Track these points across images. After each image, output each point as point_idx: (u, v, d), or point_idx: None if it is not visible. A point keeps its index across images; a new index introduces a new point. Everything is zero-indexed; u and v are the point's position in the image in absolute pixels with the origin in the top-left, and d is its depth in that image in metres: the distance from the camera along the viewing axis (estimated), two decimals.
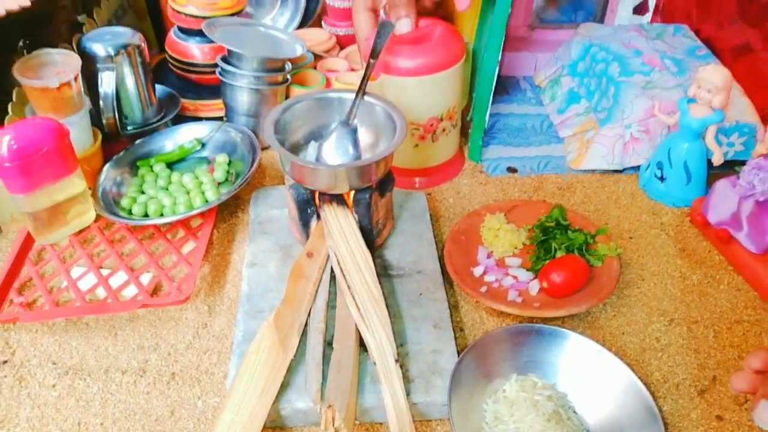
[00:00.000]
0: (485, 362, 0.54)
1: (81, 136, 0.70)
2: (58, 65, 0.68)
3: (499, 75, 0.77)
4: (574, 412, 0.53)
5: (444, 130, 0.74)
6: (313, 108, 0.64)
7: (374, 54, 0.65)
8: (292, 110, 0.63)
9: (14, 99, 0.71)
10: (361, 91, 0.63)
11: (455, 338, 0.57)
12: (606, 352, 0.54)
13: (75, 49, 0.77)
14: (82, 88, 0.71)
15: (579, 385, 0.54)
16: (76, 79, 0.67)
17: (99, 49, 0.74)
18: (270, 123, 0.60)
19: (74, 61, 0.69)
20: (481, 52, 0.79)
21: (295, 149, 0.64)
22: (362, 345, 0.54)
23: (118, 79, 0.76)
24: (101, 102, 0.75)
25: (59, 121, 0.65)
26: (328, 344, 0.54)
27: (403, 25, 0.68)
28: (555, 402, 0.52)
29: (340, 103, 0.64)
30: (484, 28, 0.77)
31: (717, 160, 0.73)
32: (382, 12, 0.72)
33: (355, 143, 0.63)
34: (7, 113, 0.69)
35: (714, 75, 0.69)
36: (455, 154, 0.81)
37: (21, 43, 0.80)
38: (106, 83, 0.74)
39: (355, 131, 0.63)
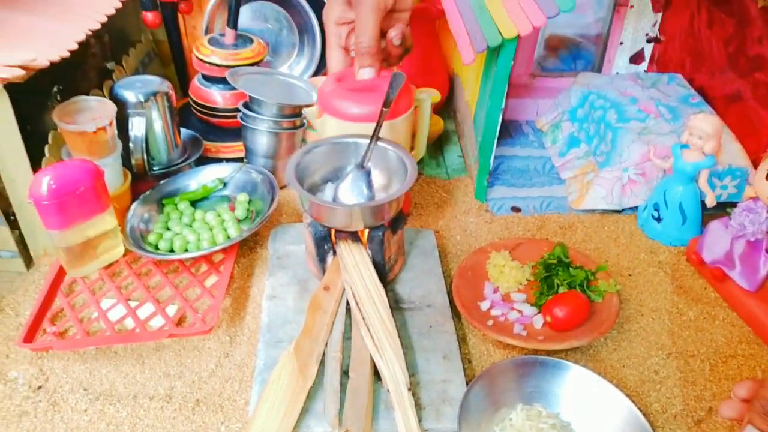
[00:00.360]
0: (492, 392, 0.57)
1: (113, 176, 0.75)
2: (93, 111, 0.74)
3: (503, 120, 0.82)
4: None
5: None
6: (330, 152, 0.69)
7: (386, 103, 0.70)
8: (311, 153, 0.68)
9: (50, 141, 0.76)
10: (375, 136, 0.68)
11: (464, 369, 0.60)
12: (607, 384, 0.58)
13: (106, 95, 0.83)
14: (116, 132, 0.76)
15: (582, 415, 0.57)
16: (111, 124, 0.73)
17: (130, 95, 0.80)
18: (292, 165, 0.65)
19: (109, 107, 0.74)
20: (485, 99, 0.84)
21: (313, 190, 0.69)
22: (376, 374, 0.58)
23: (147, 124, 0.81)
24: (131, 144, 0.80)
25: (94, 162, 0.70)
26: (344, 373, 0.58)
27: (365, 73, 0.71)
28: (559, 430, 0.55)
29: (356, 147, 0.69)
30: (488, 77, 0.82)
31: (710, 202, 0.77)
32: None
33: (370, 185, 0.68)
34: (44, 155, 0.74)
35: (704, 123, 0.74)
36: None
37: (55, 89, 0.86)
38: (137, 127, 0.80)
39: (369, 173, 0.68)
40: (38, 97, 0.84)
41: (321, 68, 1.10)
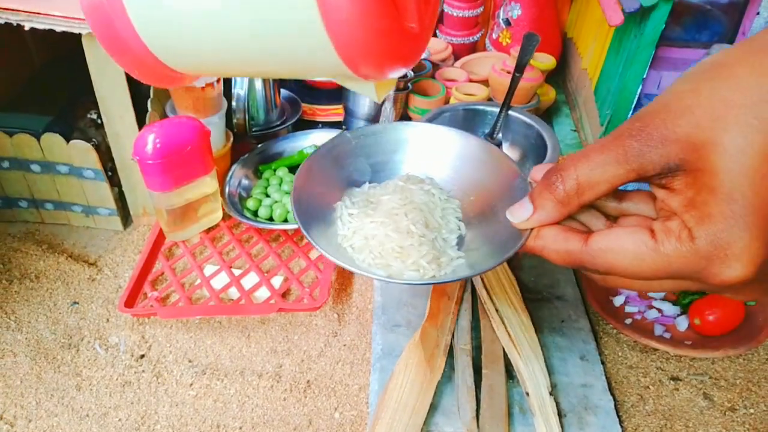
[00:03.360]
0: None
1: (217, 136, 0.71)
2: None
3: None
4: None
5: None
6: (459, 119, 0.63)
7: (519, 68, 0.63)
8: (439, 119, 0.61)
9: (152, 96, 0.72)
10: (506, 105, 0.61)
11: (605, 373, 0.54)
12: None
13: None
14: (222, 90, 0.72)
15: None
16: (218, 80, 0.68)
17: None
18: None
19: None
20: (617, 68, 0.76)
21: None
22: (507, 372, 0.52)
23: (249, 82, 0.76)
24: (234, 103, 0.75)
25: (200, 120, 0.65)
26: (474, 368, 0.52)
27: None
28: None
29: (488, 116, 0.62)
30: (626, 42, 0.73)
31: None
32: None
33: None
34: (147, 110, 0.70)
35: None
36: None
37: None
38: (240, 85, 0.75)
39: (498, 146, 0.61)
40: None
41: None
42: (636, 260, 0.33)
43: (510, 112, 0.61)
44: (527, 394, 0.49)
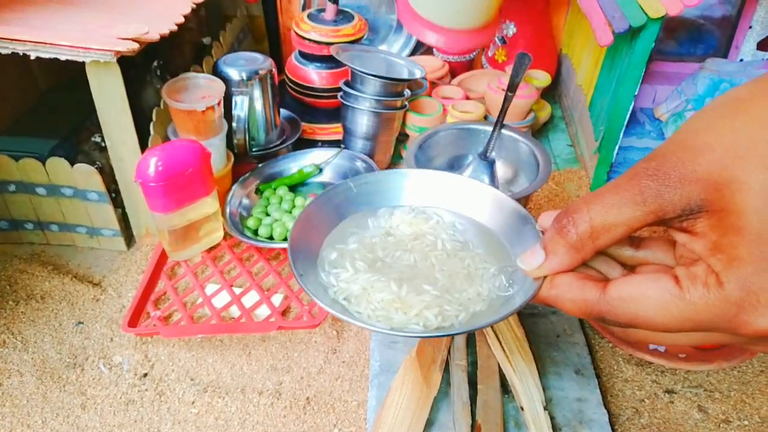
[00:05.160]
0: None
1: (218, 157, 0.72)
2: (201, 89, 0.71)
3: None
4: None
5: None
6: (453, 138, 0.64)
7: (512, 87, 0.64)
8: (433, 139, 0.63)
9: (154, 119, 0.74)
10: (499, 124, 0.62)
11: (600, 386, 0.55)
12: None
13: (205, 71, 0.80)
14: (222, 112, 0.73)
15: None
16: (219, 103, 0.70)
17: (234, 73, 0.76)
18: (412, 150, 0.61)
19: (218, 86, 0.71)
20: (610, 84, 0.77)
21: None
22: (502, 386, 0.53)
23: (249, 103, 0.78)
24: (234, 124, 0.77)
25: (201, 143, 0.67)
26: (469, 383, 0.53)
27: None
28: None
29: (480, 135, 0.63)
30: (617, 60, 0.75)
31: None
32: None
33: (493, 177, 0.62)
34: (149, 133, 0.72)
35: None
36: None
37: (155, 64, 0.84)
38: (240, 107, 0.77)
39: (492, 164, 0.62)
40: (137, 72, 0.82)
41: (418, 48, 1.04)
42: (661, 310, 0.30)
43: (503, 130, 0.62)
44: (522, 408, 0.50)
